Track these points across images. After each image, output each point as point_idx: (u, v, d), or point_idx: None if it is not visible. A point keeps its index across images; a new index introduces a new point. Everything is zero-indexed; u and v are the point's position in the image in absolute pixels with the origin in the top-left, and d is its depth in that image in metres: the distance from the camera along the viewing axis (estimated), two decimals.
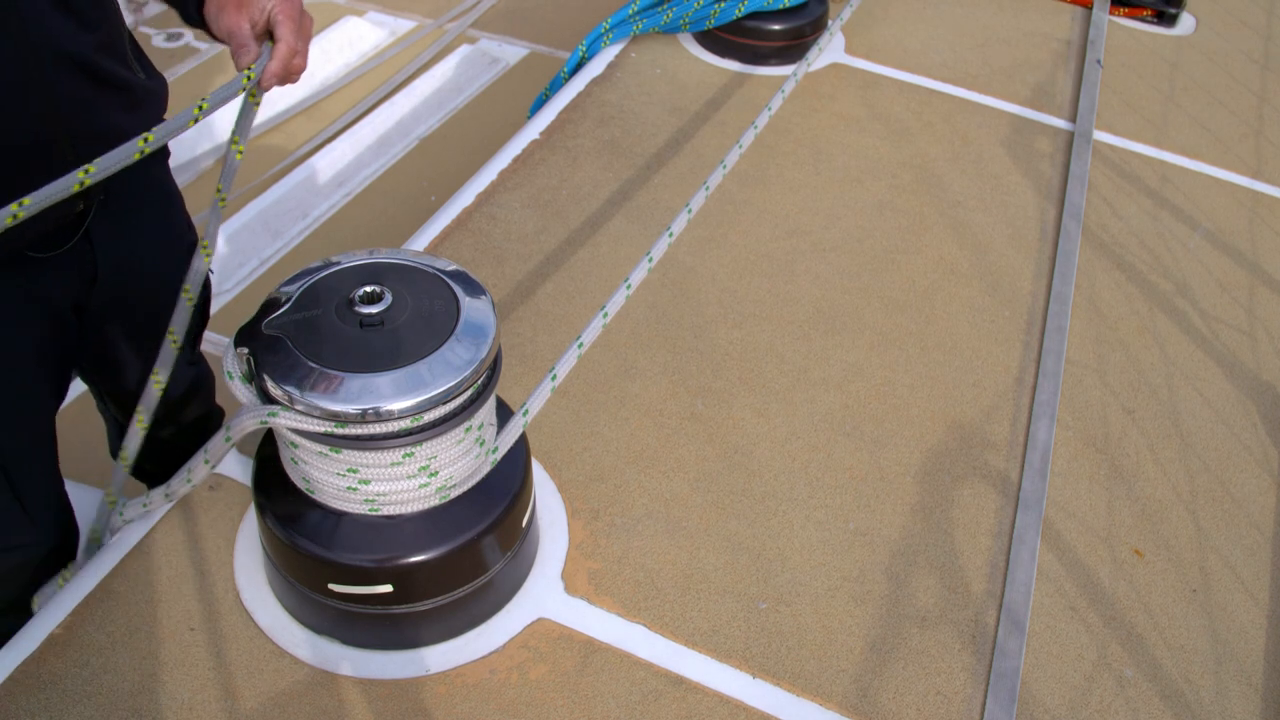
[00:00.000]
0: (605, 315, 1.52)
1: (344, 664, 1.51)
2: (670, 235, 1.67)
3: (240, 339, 1.33)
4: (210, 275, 1.82)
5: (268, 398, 1.31)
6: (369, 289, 1.37)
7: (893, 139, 2.82)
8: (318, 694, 1.48)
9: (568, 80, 2.95)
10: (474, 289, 1.41)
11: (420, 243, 2.30)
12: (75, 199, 1.38)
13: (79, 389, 2.02)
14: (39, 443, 1.63)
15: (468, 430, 1.37)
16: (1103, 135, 2.93)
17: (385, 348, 1.31)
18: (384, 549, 1.41)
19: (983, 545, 1.80)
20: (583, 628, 1.60)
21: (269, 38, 1.41)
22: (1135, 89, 3.19)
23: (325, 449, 1.32)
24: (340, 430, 1.28)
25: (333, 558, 1.41)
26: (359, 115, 3.79)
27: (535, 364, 2.04)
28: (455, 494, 1.43)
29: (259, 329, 1.33)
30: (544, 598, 1.63)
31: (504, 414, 1.55)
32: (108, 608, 1.56)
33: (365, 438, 1.29)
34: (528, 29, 4.32)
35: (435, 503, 1.42)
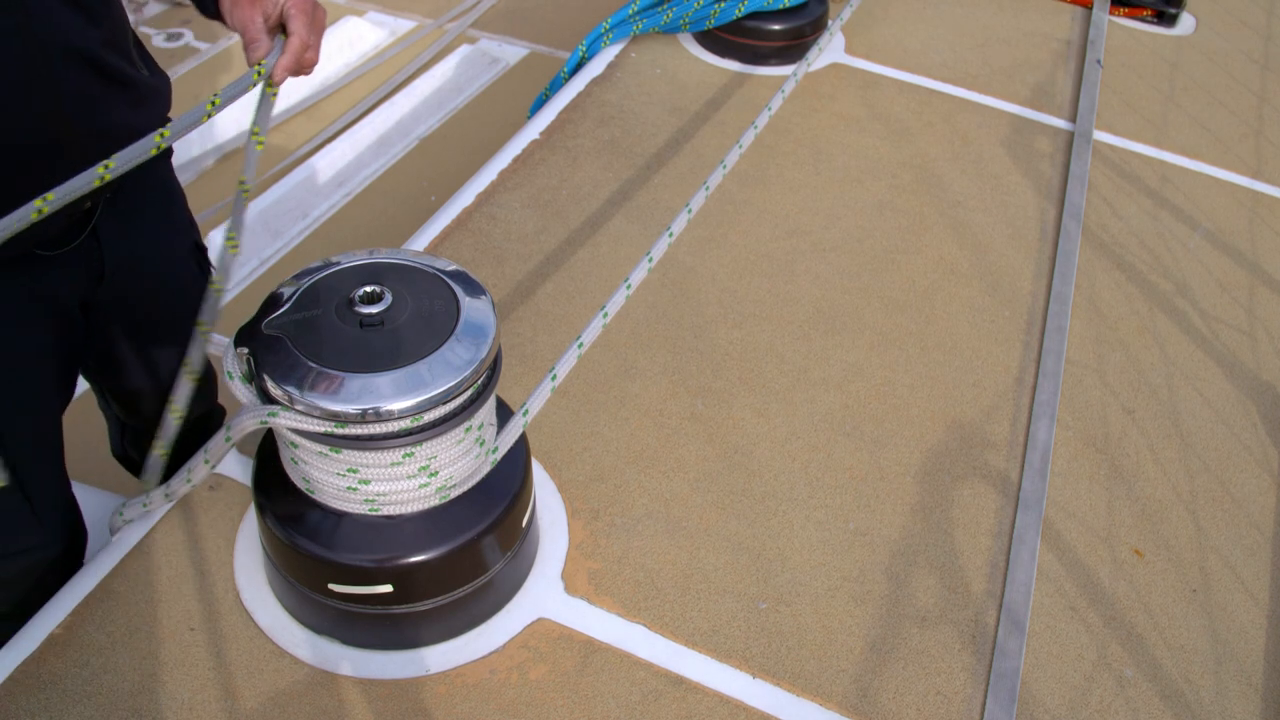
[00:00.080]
0: (605, 315, 1.52)
1: (344, 664, 1.51)
2: (670, 235, 1.67)
3: (240, 339, 1.33)
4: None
5: (268, 398, 1.31)
6: (369, 289, 1.37)
7: (893, 139, 2.82)
8: (318, 694, 1.48)
9: (568, 80, 2.95)
10: (474, 289, 1.41)
11: (420, 243, 2.30)
12: (84, 196, 1.38)
13: (78, 388, 2.02)
14: (46, 443, 1.61)
15: (468, 430, 1.37)
16: (1103, 135, 2.93)
17: (385, 348, 1.31)
18: (384, 549, 1.41)
19: (983, 545, 1.80)
20: (583, 628, 1.60)
21: (282, 31, 1.41)
22: (1135, 89, 3.19)
23: (325, 449, 1.32)
24: (340, 430, 1.28)
25: (333, 558, 1.41)
26: (359, 115, 3.79)
27: (535, 364, 2.04)
28: (455, 494, 1.43)
29: (259, 329, 1.33)
30: (544, 598, 1.63)
31: (504, 414, 1.55)
32: (108, 608, 1.56)
33: (365, 438, 1.29)
34: (528, 29, 4.32)
35: (435, 503, 1.42)
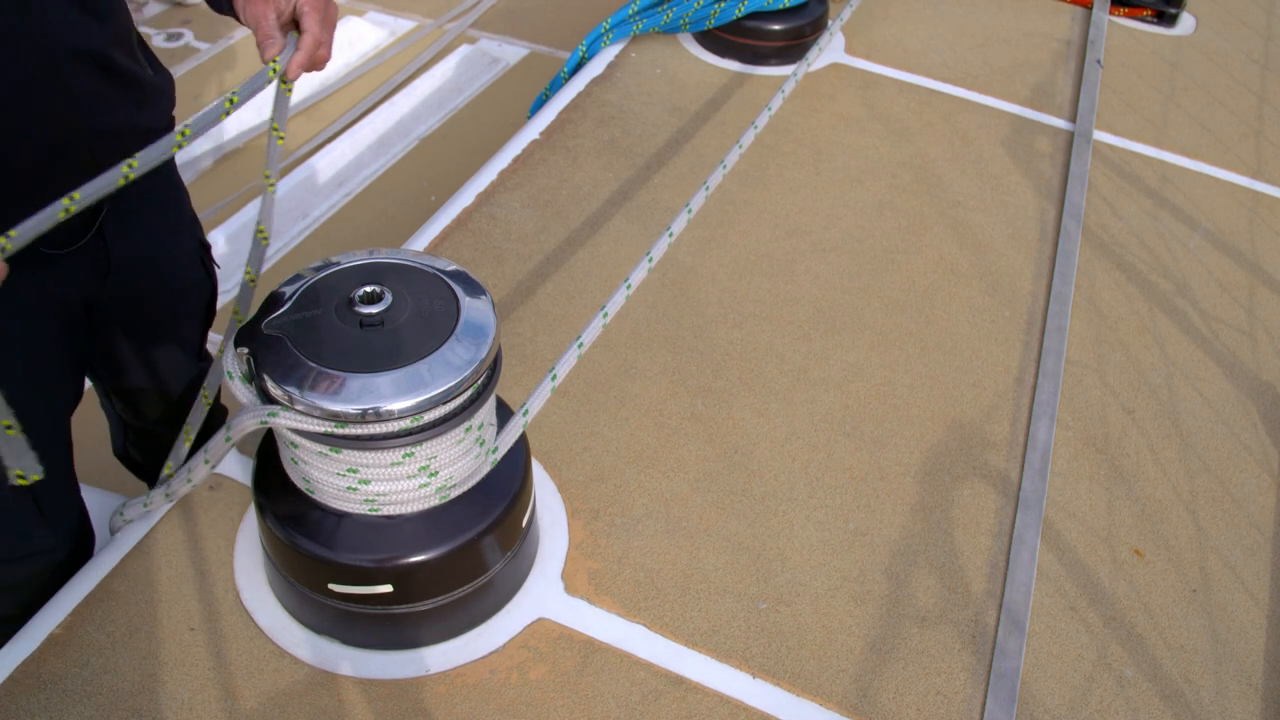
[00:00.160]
0: (605, 315, 1.52)
1: (344, 664, 1.51)
2: (670, 235, 1.67)
3: (240, 339, 1.33)
4: (217, 270, 1.82)
5: (268, 398, 1.31)
6: (369, 289, 1.37)
7: (893, 139, 2.82)
8: (318, 694, 1.48)
9: (568, 80, 2.95)
10: (474, 289, 1.40)
11: (420, 243, 2.30)
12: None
13: None
14: (55, 444, 1.60)
15: (468, 430, 1.37)
16: (1103, 135, 2.93)
17: (385, 348, 1.31)
18: (384, 549, 1.41)
19: (983, 545, 1.80)
20: (583, 628, 1.60)
21: (295, 27, 1.41)
22: (1135, 89, 3.19)
23: (325, 449, 1.32)
24: (340, 430, 1.28)
25: (333, 558, 1.41)
26: (359, 115, 3.79)
27: (535, 364, 2.04)
28: (455, 494, 1.43)
29: (259, 329, 1.33)
30: (544, 598, 1.63)
31: (504, 414, 1.55)
32: (108, 608, 1.56)
33: (365, 438, 1.29)
34: (528, 29, 4.32)
35: (435, 503, 1.42)
